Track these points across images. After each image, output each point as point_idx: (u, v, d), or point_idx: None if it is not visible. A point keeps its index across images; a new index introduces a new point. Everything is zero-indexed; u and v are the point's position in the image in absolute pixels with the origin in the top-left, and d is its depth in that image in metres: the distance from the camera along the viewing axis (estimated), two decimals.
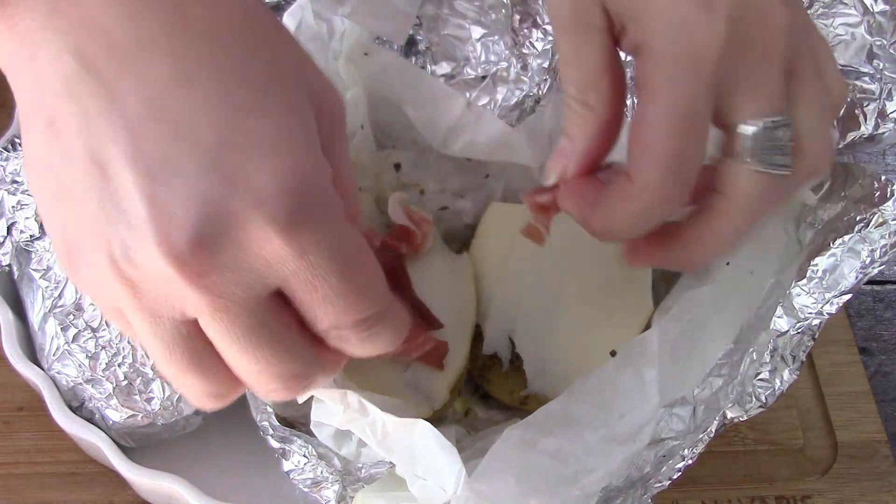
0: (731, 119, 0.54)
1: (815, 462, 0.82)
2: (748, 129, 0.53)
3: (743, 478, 0.80)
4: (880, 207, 0.63)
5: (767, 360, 0.63)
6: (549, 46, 0.79)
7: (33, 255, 0.71)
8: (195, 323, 0.45)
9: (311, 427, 0.63)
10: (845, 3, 0.68)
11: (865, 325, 0.91)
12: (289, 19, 0.74)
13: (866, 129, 0.68)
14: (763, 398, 0.63)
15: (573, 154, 0.58)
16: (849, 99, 0.68)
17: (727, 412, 0.63)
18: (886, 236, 0.63)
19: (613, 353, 0.60)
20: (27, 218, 0.72)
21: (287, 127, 0.45)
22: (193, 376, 0.47)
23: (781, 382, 0.64)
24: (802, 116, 0.55)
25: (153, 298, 0.44)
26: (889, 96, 0.67)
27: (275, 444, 0.65)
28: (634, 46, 0.54)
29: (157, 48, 0.43)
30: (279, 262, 0.44)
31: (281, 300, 0.46)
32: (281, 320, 0.46)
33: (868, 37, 0.67)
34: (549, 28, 0.79)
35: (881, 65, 0.67)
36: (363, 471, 0.64)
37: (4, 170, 0.73)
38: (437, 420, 0.69)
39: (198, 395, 0.49)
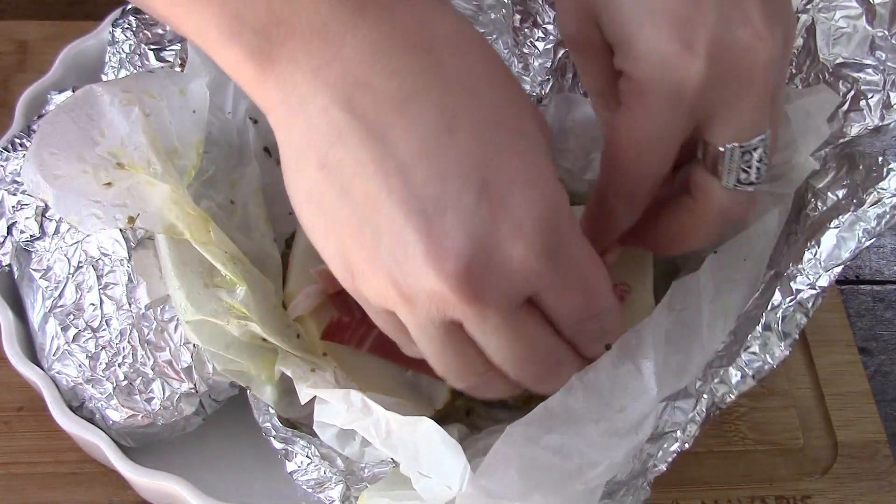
0: (707, 139, 0.58)
1: (815, 462, 0.82)
2: (720, 150, 0.58)
3: (743, 478, 0.80)
4: (877, 186, 0.63)
5: (759, 335, 0.63)
6: (550, 46, 0.79)
7: (33, 255, 0.71)
8: (460, 324, 0.52)
9: (315, 427, 0.63)
10: None
11: (865, 325, 0.91)
12: None
13: (871, 120, 0.68)
14: (751, 371, 0.62)
15: (615, 165, 0.60)
16: (853, 91, 0.68)
17: (714, 388, 0.62)
18: (881, 213, 0.63)
19: (608, 347, 0.60)
20: (27, 218, 0.72)
21: (535, 162, 0.51)
22: (457, 364, 0.56)
23: (772, 358, 0.63)
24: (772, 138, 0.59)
25: (427, 309, 0.51)
26: (893, 87, 0.67)
27: (278, 445, 0.65)
28: (620, 70, 0.58)
29: (421, 100, 0.49)
30: (537, 278, 0.51)
31: (532, 304, 0.53)
32: (532, 319, 0.54)
33: (869, 28, 0.67)
34: (549, 28, 0.79)
35: (883, 56, 0.67)
36: (367, 470, 0.64)
37: (4, 170, 0.73)
38: (439, 419, 0.69)
39: (459, 379, 0.58)
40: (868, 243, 0.62)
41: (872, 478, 0.81)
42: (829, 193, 0.66)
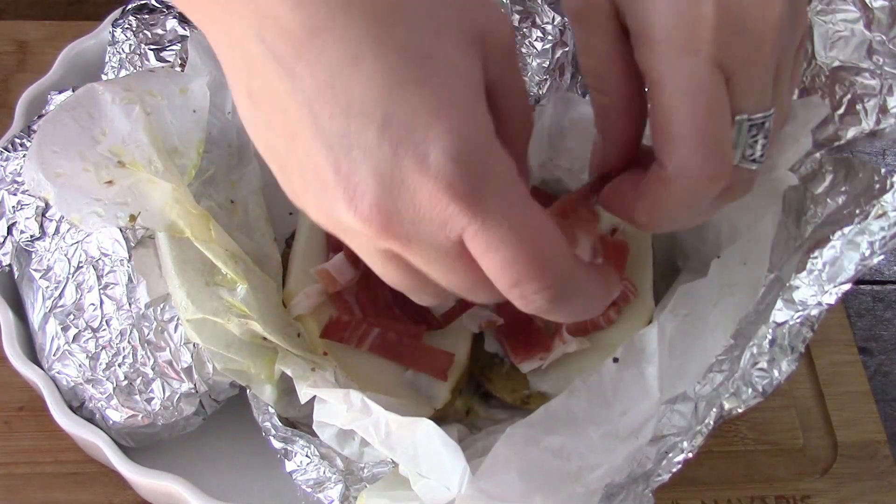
0: None
1: (815, 462, 0.82)
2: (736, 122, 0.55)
3: (743, 478, 0.80)
4: (880, 199, 0.63)
5: (766, 350, 0.63)
6: (548, 46, 0.79)
7: (33, 255, 0.71)
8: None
9: (314, 427, 0.64)
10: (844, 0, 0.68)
11: (865, 325, 0.92)
12: None
13: (867, 124, 0.68)
14: (761, 388, 0.63)
15: (605, 146, 0.59)
16: (849, 95, 0.68)
17: (724, 402, 0.63)
18: (886, 227, 0.63)
19: (616, 360, 0.60)
20: (27, 218, 0.72)
21: (446, 91, 0.47)
22: (408, 285, 0.53)
23: (780, 373, 0.64)
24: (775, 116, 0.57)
25: (359, 241, 0.51)
26: (890, 91, 0.67)
27: (277, 444, 0.65)
28: (633, 35, 0.55)
29: (325, 33, 0.47)
30: (454, 219, 0.47)
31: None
32: (464, 262, 0.50)
33: (867, 32, 0.67)
34: (548, 28, 0.79)
35: (881, 60, 0.67)
36: (366, 470, 0.64)
37: (5, 170, 0.73)
38: (438, 419, 0.69)
39: (416, 295, 0.55)
40: (877, 260, 0.62)
41: (872, 478, 0.81)
42: (829, 200, 0.66)
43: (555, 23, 0.80)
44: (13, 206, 0.72)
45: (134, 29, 0.78)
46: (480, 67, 0.50)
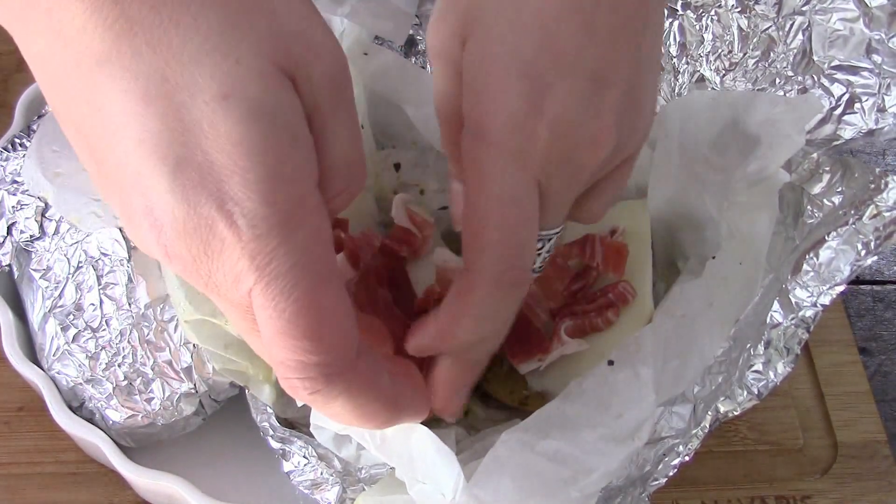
0: None
1: (815, 462, 0.82)
2: None
3: (743, 478, 0.80)
4: (875, 199, 0.63)
5: (761, 352, 0.63)
6: None
7: (33, 255, 0.71)
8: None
9: (311, 430, 0.63)
10: None
11: (865, 325, 0.91)
12: None
13: (865, 123, 0.68)
14: (756, 390, 0.64)
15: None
16: (847, 93, 0.68)
17: (720, 406, 0.63)
18: (881, 228, 0.63)
19: (611, 363, 0.60)
20: (27, 218, 0.72)
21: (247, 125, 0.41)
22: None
23: (775, 375, 0.64)
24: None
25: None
26: (888, 91, 0.67)
27: (275, 444, 0.65)
28: (467, 119, 0.53)
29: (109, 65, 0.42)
30: (243, 277, 0.42)
31: None
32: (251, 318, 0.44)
33: (866, 31, 0.67)
34: None
35: (880, 59, 0.67)
36: (363, 472, 0.64)
37: (4, 170, 0.73)
38: (436, 421, 0.69)
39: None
40: (870, 261, 0.62)
41: (872, 478, 0.81)
42: (825, 200, 0.66)
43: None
44: (13, 206, 0.72)
45: None
46: (291, 92, 0.44)
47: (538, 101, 0.51)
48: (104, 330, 0.69)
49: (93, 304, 0.69)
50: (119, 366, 0.69)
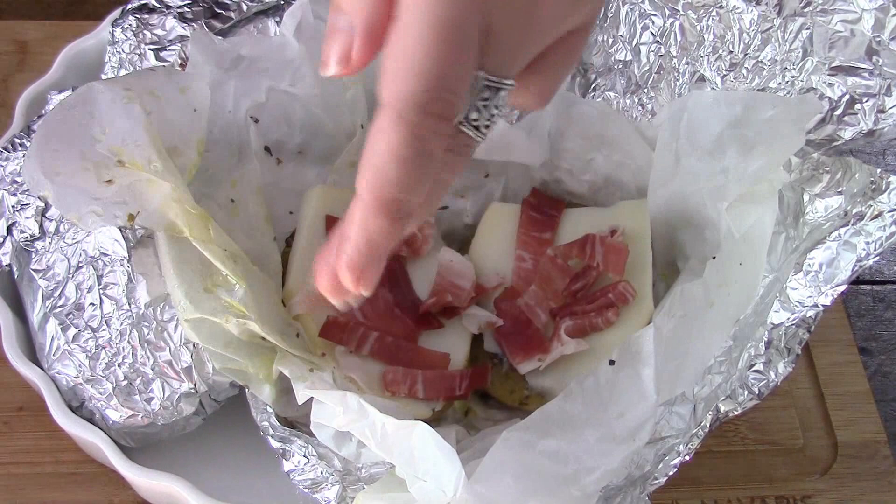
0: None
1: (815, 462, 0.82)
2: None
3: (743, 478, 0.80)
4: (876, 200, 0.63)
5: (762, 352, 0.63)
6: None
7: (33, 255, 0.71)
8: None
9: (311, 428, 0.64)
10: (844, 0, 0.68)
11: (865, 325, 0.91)
12: (289, 19, 0.74)
13: (865, 124, 0.68)
14: (756, 390, 0.64)
15: (355, 28, 0.49)
16: (847, 94, 0.68)
17: (720, 405, 0.63)
18: (883, 228, 0.63)
19: (612, 363, 0.60)
20: (27, 218, 0.72)
21: None
22: None
23: (776, 375, 0.64)
24: None
25: None
26: (888, 92, 0.67)
27: (275, 444, 0.65)
28: None
29: None
30: None
31: None
32: None
33: (867, 33, 0.67)
34: None
35: (880, 60, 0.67)
36: (363, 471, 0.64)
37: (4, 170, 0.73)
38: (436, 421, 0.69)
39: None
40: (872, 261, 0.62)
41: (872, 478, 0.81)
42: (826, 200, 0.66)
43: None
44: (13, 206, 0.72)
45: (134, 29, 0.78)
46: None
47: None
48: (104, 330, 0.69)
49: (93, 304, 0.69)
50: (119, 366, 0.69)
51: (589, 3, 0.53)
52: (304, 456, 0.64)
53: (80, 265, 0.70)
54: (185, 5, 0.79)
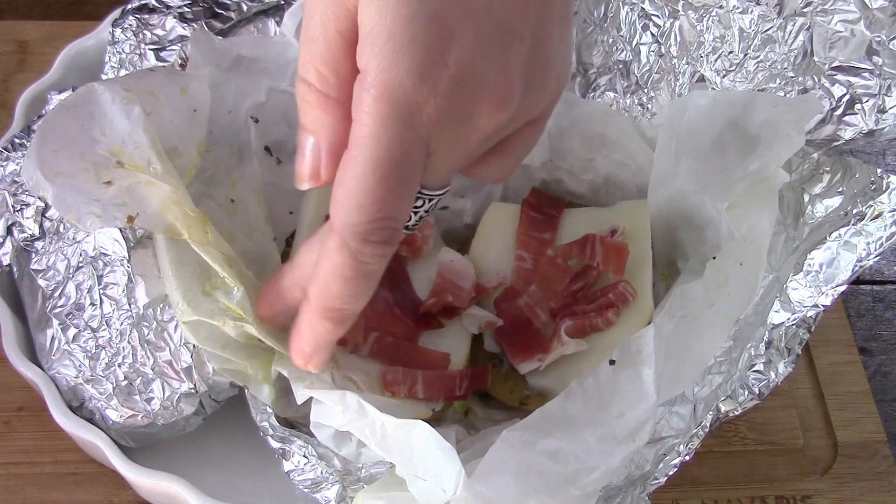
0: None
1: (815, 462, 0.82)
2: None
3: (743, 478, 0.80)
4: (876, 200, 0.63)
5: (762, 353, 0.63)
6: None
7: (33, 255, 0.71)
8: None
9: (311, 428, 0.63)
10: (844, 0, 0.68)
11: (865, 325, 0.91)
12: (289, 19, 0.74)
13: (865, 124, 0.68)
14: (757, 390, 0.64)
15: (320, 149, 0.55)
16: (847, 94, 0.68)
17: (720, 405, 0.63)
18: (882, 228, 0.63)
19: (612, 363, 0.60)
20: (27, 218, 0.72)
21: None
22: None
23: (776, 375, 0.64)
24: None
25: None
26: (888, 92, 0.67)
27: (275, 444, 0.65)
28: (364, 61, 0.51)
29: None
30: None
31: None
32: None
33: (867, 33, 0.67)
34: None
35: (880, 60, 0.67)
36: (363, 471, 0.64)
37: (4, 170, 0.74)
38: (436, 421, 0.69)
39: None
40: (873, 261, 0.62)
41: (872, 478, 0.81)
42: (826, 200, 0.66)
43: None
44: (13, 206, 0.72)
45: (134, 29, 0.78)
46: None
47: (443, 49, 0.49)
48: (104, 330, 0.69)
49: (93, 304, 0.69)
50: (119, 366, 0.69)
51: (540, 103, 0.54)
52: (304, 456, 0.64)
53: (80, 265, 0.70)
54: (185, 5, 0.78)
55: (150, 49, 0.78)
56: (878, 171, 0.64)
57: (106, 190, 0.65)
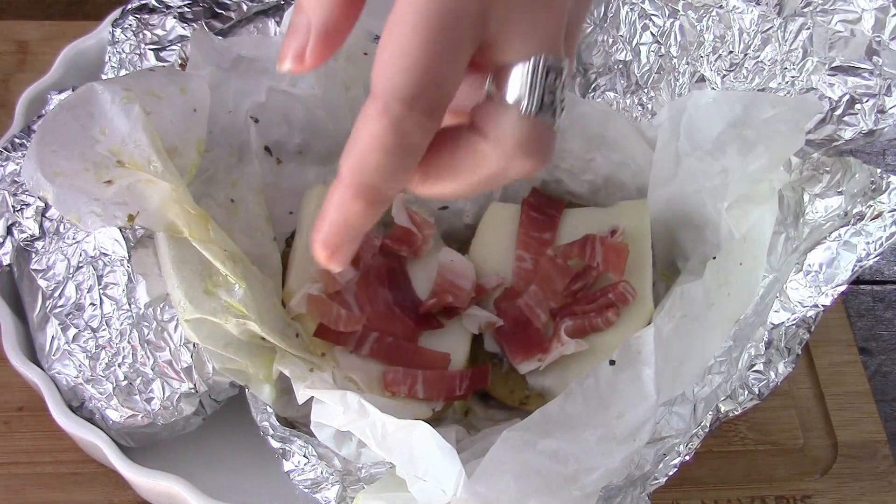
0: (501, 57, 0.50)
1: (815, 462, 0.82)
2: (519, 68, 0.49)
3: (743, 478, 0.80)
4: (876, 200, 0.63)
5: (762, 353, 0.63)
6: None
7: (33, 255, 0.71)
8: None
9: (312, 427, 0.64)
10: (844, 0, 0.68)
11: (865, 325, 0.91)
12: (289, 19, 0.74)
13: (865, 124, 0.68)
14: (757, 390, 0.64)
15: (311, 28, 0.50)
16: (847, 95, 0.68)
17: (720, 405, 0.63)
18: (882, 228, 0.63)
19: (612, 363, 0.60)
20: (27, 218, 0.72)
21: None
22: None
23: (776, 375, 0.64)
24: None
25: None
26: (888, 92, 0.67)
27: (275, 444, 0.65)
28: None
29: None
30: None
31: None
32: None
33: (868, 33, 0.67)
34: None
35: (880, 60, 0.67)
36: (363, 471, 0.64)
37: (4, 170, 0.74)
38: (436, 421, 0.69)
39: None
40: (872, 261, 0.62)
41: (872, 478, 0.81)
42: (826, 200, 0.66)
43: None
44: (13, 206, 0.72)
45: (134, 29, 0.78)
46: None
47: None
48: (104, 330, 0.69)
49: (93, 304, 0.69)
50: (119, 366, 0.69)
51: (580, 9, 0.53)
52: (304, 456, 0.64)
53: (80, 265, 0.70)
54: (185, 5, 0.79)
55: (150, 49, 0.78)
56: (878, 171, 0.64)
57: (106, 189, 0.65)
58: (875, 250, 0.63)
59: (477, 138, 0.50)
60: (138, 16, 0.78)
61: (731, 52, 0.73)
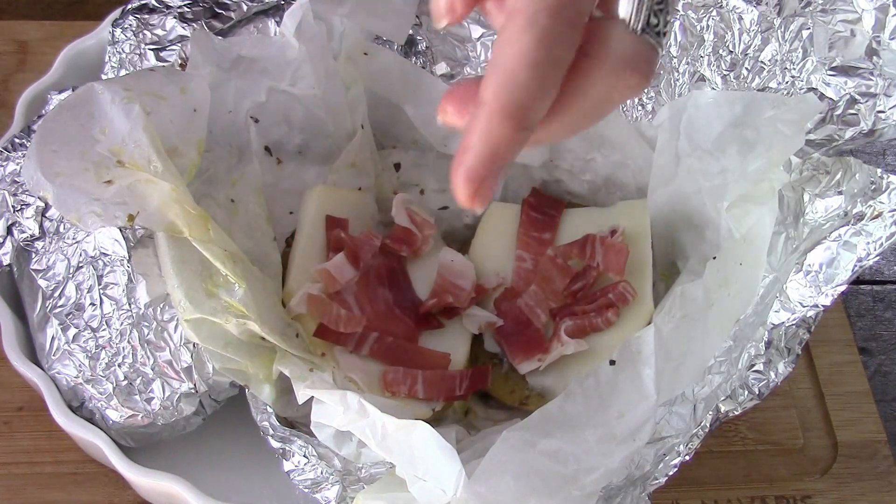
0: None
1: (815, 462, 0.82)
2: None
3: (743, 478, 0.80)
4: (876, 200, 0.63)
5: (762, 352, 0.63)
6: None
7: (33, 255, 0.71)
8: None
9: (312, 427, 0.64)
10: (844, 0, 0.68)
11: (865, 325, 0.91)
12: (289, 19, 0.74)
13: (865, 124, 0.68)
14: (756, 390, 0.64)
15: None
16: (847, 95, 0.68)
17: (720, 405, 0.63)
18: (882, 228, 0.63)
19: (612, 363, 0.60)
20: (27, 218, 0.72)
21: None
22: None
23: (776, 375, 0.64)
24: None
25: None
26: (888, 92, 0.67)
27: (275, 444, 0.65)
28: None
29: None
30: None
31: None
32: None
33: (868, 33, 0.67)
34: None
35: (880, 60, 0.67)
36: (363, 471, 0.64)
37: (4, 170, 0.74)
38: (436, 421, 0.69)
39: None
40: (872, 261, 0.62)
41: (872, 478, 0.81)
42: (826, 200, 0.66)
43: None
44: (13, 206, 0.72)
45: (134, 29, 0.78)
46: None
47: None
48: (104, 330, 0.69)
49: (93, 304, 0.69)
50: (119, 366, 0.69)
51: None
52: (304, 456, 0.64)
53: (80, 265, 0.70)
54: (185, 5, 0.78)
55: (150, 49, 0.78)
56: (878, 171, 0.64)
57: (106, 189, 0.65)
58: (875, 250, 0.63)
59: (581, 58, 0.49)
60: (138, 16, 0.78)
61: (731, 52, 0.73)
